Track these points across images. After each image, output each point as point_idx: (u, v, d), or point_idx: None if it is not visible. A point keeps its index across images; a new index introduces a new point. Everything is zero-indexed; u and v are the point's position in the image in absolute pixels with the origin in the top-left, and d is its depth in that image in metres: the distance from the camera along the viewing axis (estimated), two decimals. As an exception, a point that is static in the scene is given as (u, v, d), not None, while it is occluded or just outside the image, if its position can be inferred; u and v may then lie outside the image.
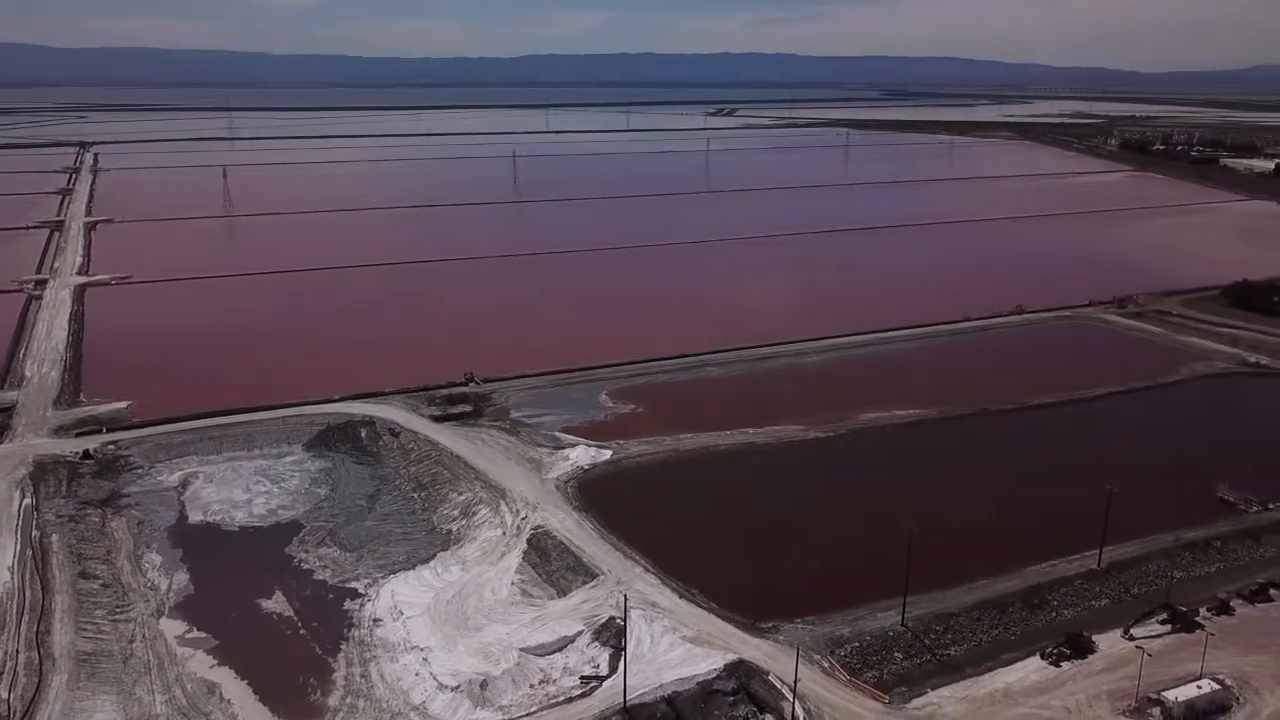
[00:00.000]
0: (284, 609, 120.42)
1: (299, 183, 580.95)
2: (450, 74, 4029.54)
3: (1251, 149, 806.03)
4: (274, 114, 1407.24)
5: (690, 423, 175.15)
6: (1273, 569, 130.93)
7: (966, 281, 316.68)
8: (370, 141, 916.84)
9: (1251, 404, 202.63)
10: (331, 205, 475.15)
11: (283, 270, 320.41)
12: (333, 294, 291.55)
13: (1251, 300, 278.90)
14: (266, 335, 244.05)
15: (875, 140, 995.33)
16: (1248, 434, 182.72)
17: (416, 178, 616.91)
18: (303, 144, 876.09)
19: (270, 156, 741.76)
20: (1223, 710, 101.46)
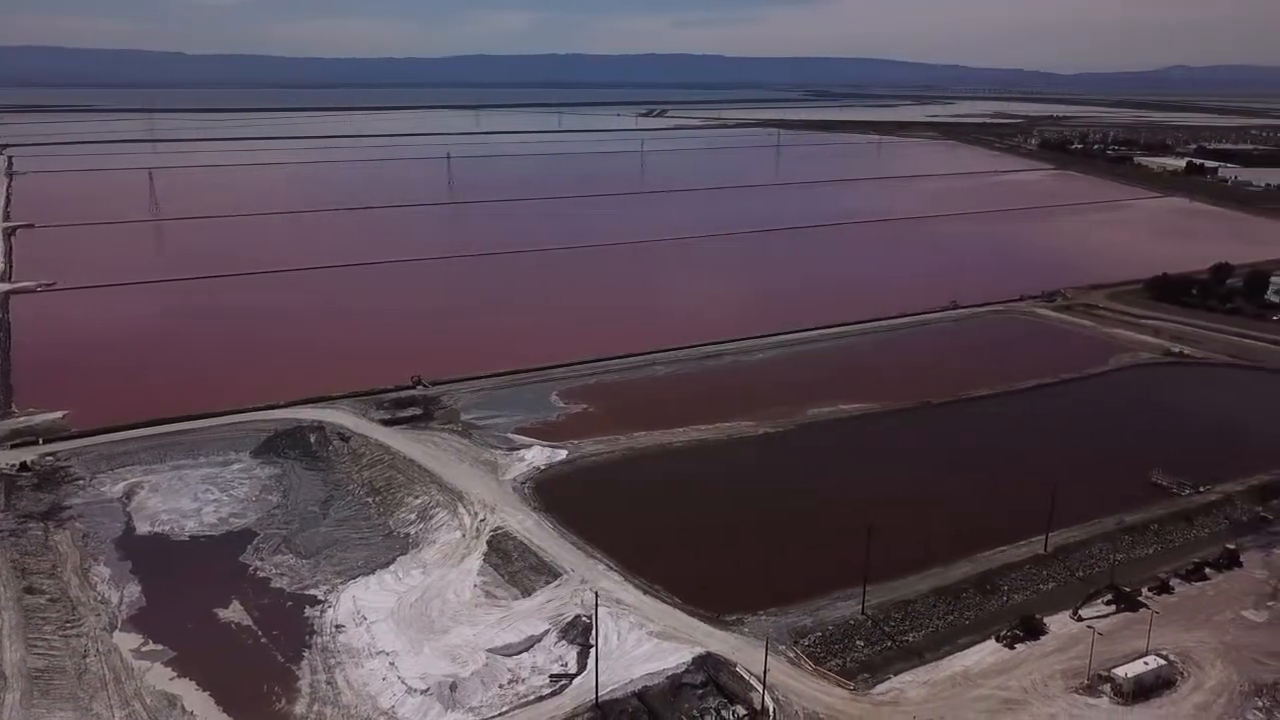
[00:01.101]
0: (242, 618, 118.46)
1: (227, 185, 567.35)
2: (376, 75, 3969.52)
3: (1163, 148, 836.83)
4: (195, 115, 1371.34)
5: (643, 421, 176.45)
6: (1206, 549, 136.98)
7: (902, 278, 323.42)
8: (298, 143, 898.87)
9: (1176, 393, 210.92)
10: (263, 208, 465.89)
11: (215, 275, 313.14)
12: (269, 298, 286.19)
13: (1172, 293, 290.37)
14: (204, 341, 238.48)
15: (805, 140, 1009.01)
16: (1174, 421, 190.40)
17: (348, 180, 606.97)
18: (228, 146, 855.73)
19: (195, 159, 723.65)
20: (1168, 684, 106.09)
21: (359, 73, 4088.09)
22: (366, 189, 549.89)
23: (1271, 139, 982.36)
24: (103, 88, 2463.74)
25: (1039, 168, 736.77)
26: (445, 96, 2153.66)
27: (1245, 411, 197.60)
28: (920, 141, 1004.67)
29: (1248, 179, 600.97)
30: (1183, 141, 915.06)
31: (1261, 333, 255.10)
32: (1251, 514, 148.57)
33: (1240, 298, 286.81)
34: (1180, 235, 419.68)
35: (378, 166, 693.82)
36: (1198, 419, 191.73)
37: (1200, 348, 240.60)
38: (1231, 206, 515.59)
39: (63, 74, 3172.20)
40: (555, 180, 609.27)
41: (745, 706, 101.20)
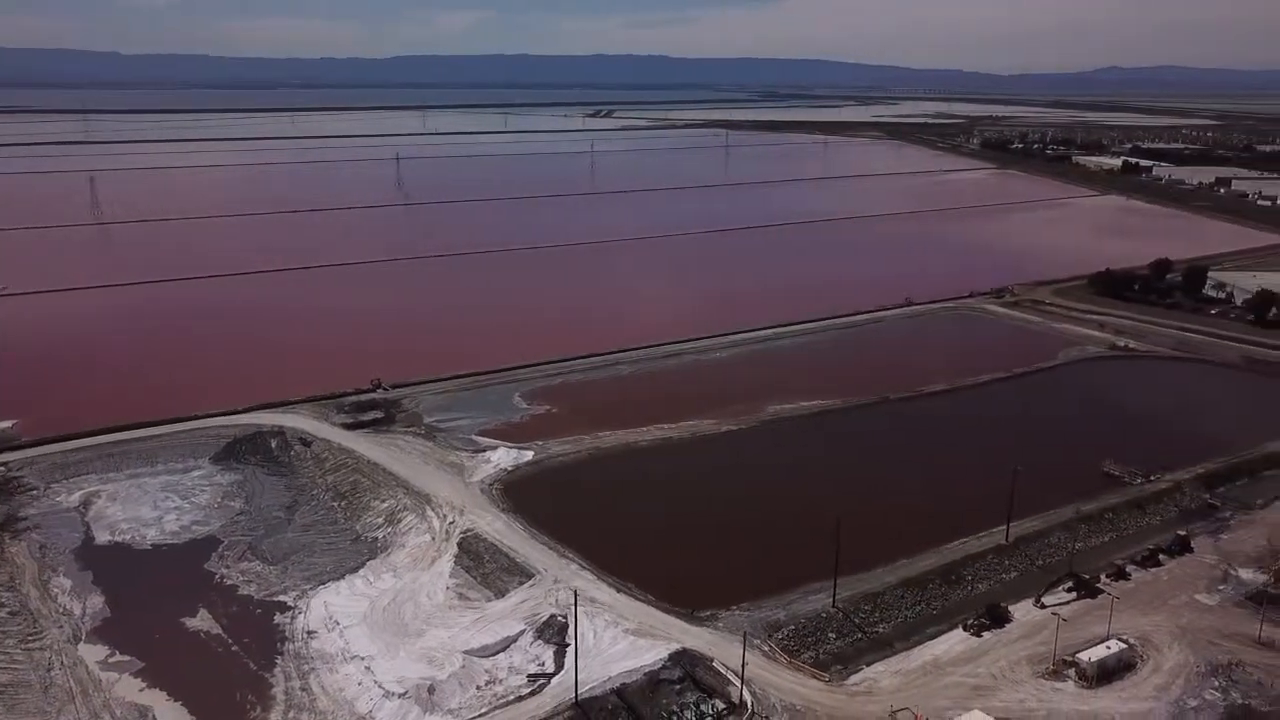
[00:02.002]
0: (211, 626, 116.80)
1: (171, 188, 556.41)
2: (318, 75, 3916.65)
3: (1100, 147, 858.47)
4: (133, 117, 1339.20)
5: (608, 421, 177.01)
6: (1159, 536, 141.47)
7: (855, 276, 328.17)
8: (241, 145, 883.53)
9: (1123, 385, 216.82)
10: (209, 211, 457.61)
11: (165, 279, 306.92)
12: (220, 302, 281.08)
13: (1115, 288, 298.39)
14: (156, 347, 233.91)
15: (754, 141, 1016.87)
16: (1123, 413, 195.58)
17: (295, 182, 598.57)
18: (169, 148, 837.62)
19: (136, 161, 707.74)
20: (1130, 667, 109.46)
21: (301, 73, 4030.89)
22: (314, 191, 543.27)
23: (1201, 139, 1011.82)
24: (34, 88, 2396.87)
25: (982, 167, 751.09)
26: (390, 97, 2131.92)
27: (1189, 402, 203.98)
28: (866, 141, 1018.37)
29: (1180, 178, 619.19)
30: (1118, 141, 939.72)
31: (1200, 326, 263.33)
32: (1200, 501, 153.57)
33: (1179, 292, 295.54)
34: (1120, 232, 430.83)
35: (325, 168, 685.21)
36: (1145, 410, 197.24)
37: (1144, 341, 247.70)
38: (1167, 204, 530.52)
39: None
40: (507, 181, 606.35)
41: (723, 700, 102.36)
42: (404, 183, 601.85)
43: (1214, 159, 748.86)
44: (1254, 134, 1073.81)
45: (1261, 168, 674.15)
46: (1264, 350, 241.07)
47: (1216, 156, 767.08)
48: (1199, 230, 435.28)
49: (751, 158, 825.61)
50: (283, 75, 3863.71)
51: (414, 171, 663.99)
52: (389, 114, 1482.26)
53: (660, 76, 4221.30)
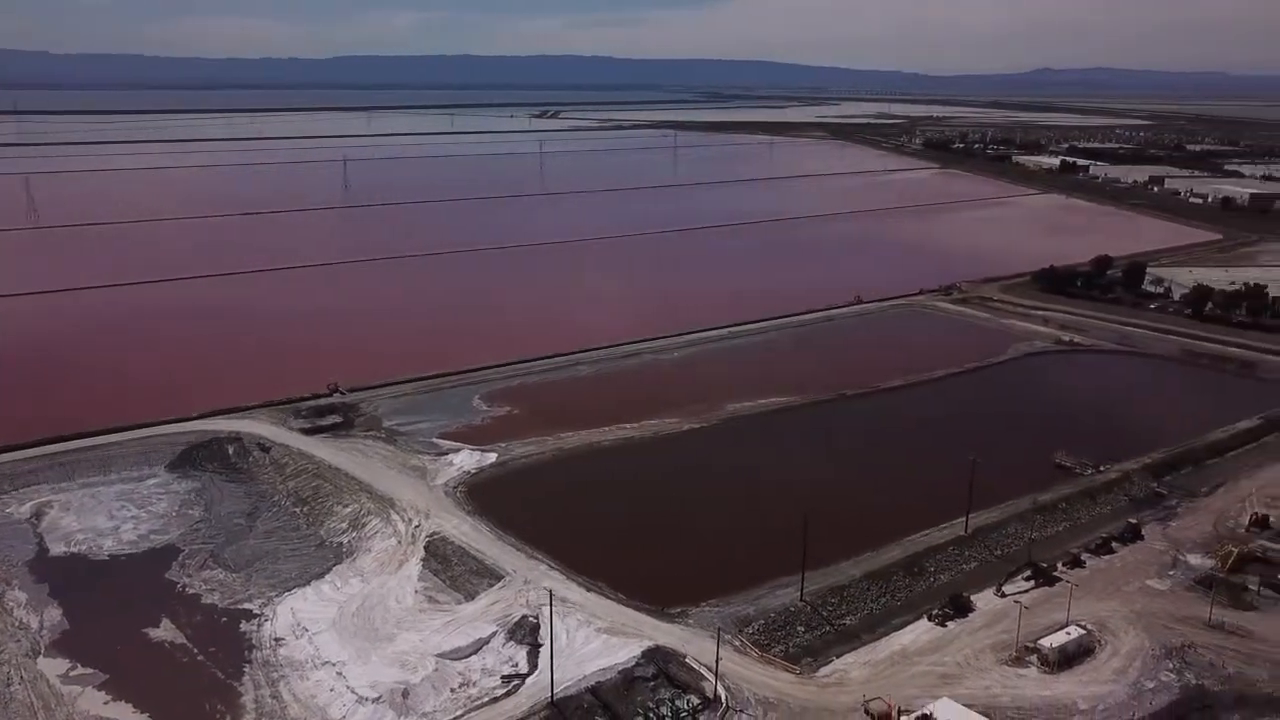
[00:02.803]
0: (174, 636, 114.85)
1: (110, 191, 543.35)
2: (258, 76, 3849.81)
3: (1038, 147, 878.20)
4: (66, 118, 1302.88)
5: (570, 421, 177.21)
6: (1111, 524, 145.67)
7: (807, 274, 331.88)
8: (182, 147, 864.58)
9: (1070, 378, 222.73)
10: (151, 214, 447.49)
11: (109, 284, 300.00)
12: (168, 307, 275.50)
13: (1058, 284, 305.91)
14: (103, 354, 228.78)
15: (701, 141, 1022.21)
16: (1072, 405, 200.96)
17: (237, 184, 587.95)
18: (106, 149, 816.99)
19: (73, 164, 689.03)
20: (1089, 652, 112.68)
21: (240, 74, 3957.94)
22: (258, 193, 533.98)
23: (1134, 138, 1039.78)
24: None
25: (925, 166, 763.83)
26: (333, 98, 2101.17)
27: (1133, 395, 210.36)
28: (811, 141, 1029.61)
29: (1116, 176, 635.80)
30: (1055, 141, 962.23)
31: (1141, 320, 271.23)
32: (1148, 490, 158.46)
33: (1120, 288, 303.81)
34: (1061, 230, 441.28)
35: (269, 170, 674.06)
36: (1093, 402, 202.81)
37: (1088, 335, 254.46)
38: (1104, 202, 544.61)
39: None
40: (457, 183, 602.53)
41: (698, 695, 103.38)
42: (351, 184, 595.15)
43: (1147, 158, 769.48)
44: (1183, 134, 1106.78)
45: (1192, 167, 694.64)
46: (1201, 343, 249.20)
47: (1149, 156, 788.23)
48: (1136, 227, 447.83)
49: (700, 158, 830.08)
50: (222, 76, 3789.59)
51: (362, 173, 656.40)
52: (332, 115, 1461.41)
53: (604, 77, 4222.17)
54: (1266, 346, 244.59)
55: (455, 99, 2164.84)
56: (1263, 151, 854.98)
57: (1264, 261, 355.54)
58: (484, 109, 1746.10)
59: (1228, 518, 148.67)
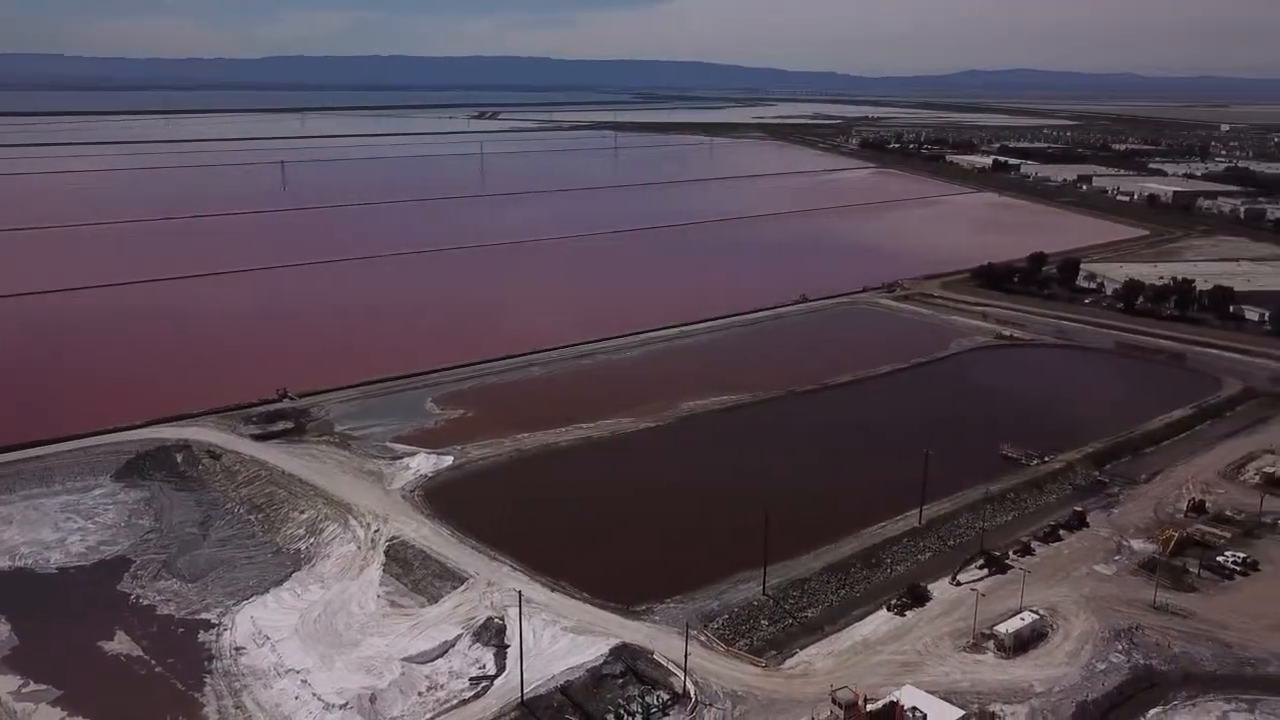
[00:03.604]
0: (130, 649, 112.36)
1: (29, 194, 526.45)
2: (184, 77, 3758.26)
3: (970, 146, 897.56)
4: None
5: (525, 423, 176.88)
6: (1057, 512, 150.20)
7: (753, 274, 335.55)
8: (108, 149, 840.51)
9: (1012, 371, 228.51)
10: (83, 218, 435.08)
11: (41, 290, 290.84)
12: (105, 313, 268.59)
13: (996, 281, 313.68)
14: (40, 362, 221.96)
15: (642, 142, 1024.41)
16: (1015, 398, 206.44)
17: (168, 187, 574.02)
18: (23, 152, 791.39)
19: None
20: (1042, 637, 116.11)
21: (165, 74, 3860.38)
22: (190, 197, 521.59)
23: (1061, 138, 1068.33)
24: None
25: (863, 166, 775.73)
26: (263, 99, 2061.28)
27: (1072, 386, 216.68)
28: (750, 142, 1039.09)
29: (1046, 175, 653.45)
30: (986, 140, 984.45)
31: (1076, 314, 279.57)
32: (1090, 479, 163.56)
33: (1055, 284, 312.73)
34: (996, 227, 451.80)
35: (201, 173, 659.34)
36: (1035, 395, 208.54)
37: (1026, 330, 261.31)
38: (1036, 200, 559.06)
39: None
40: (397, 185, 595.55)
41: (667, 691, 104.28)
42: (289, 187, 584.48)
43: (1074, 157, 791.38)
44: (1108, 133, 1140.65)
45: (1117, 165, 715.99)
46: (1134, 336, 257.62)
47: (1077, 155, 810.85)
48: (1067, 224, 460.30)
49: (641, 159, 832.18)
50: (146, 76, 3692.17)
51: (299, 175, 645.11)
52: (264, 116, 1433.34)
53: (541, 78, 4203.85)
54: (1194, 338, 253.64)
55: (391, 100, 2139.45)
56: (1183, 150, 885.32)
57: (1189, 256, 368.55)
58: (421, 110, 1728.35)
59: (1167, 503, 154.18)
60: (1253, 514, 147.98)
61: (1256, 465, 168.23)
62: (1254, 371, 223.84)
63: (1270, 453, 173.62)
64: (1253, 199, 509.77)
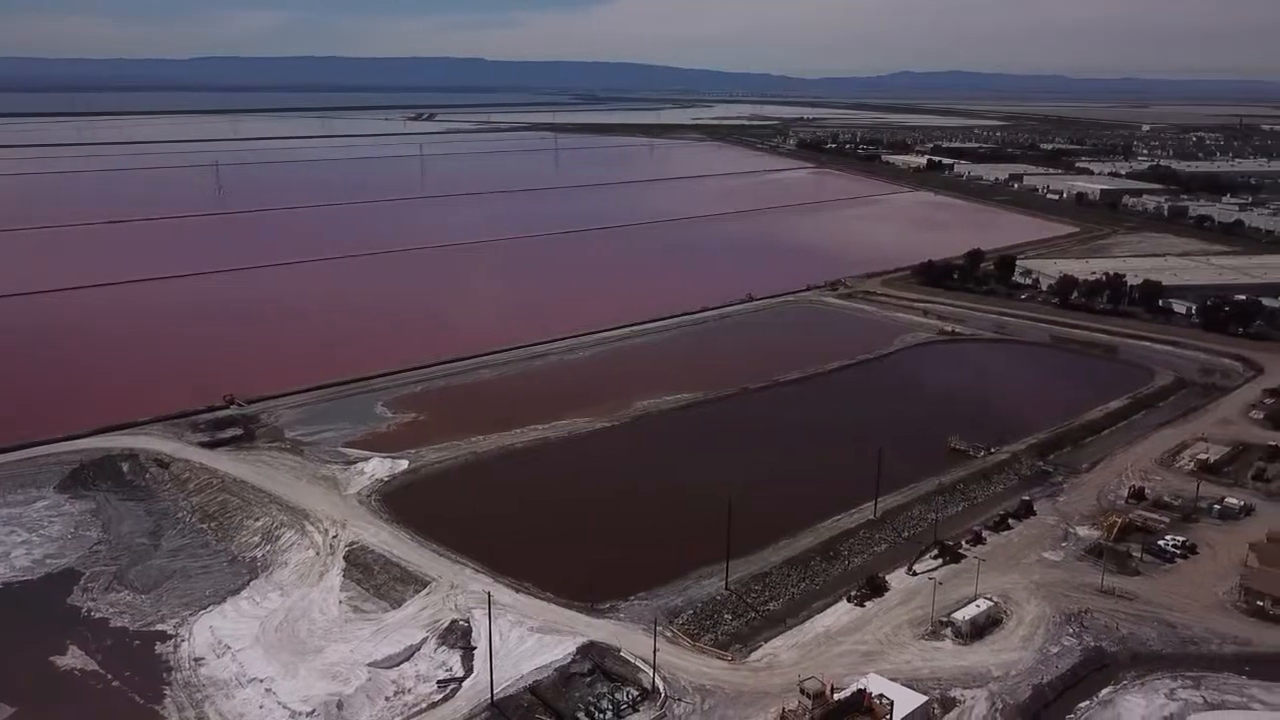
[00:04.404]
0: (85, 663, 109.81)
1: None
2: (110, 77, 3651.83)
3: (905, 146, 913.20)
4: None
5: (480, 425, 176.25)
6: (1005, 502, 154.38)
7: (699, 273, 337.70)
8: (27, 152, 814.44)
9: (956, 366, 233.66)
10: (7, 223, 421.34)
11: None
12: (39, 321, 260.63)
13: (936, 278, 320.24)
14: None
15: (582, 143, 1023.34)
16: (959, 391, 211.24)
17: (98, 191, 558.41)
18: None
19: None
20: (997, 623, 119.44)
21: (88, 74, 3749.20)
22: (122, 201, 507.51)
23: (992, 138, 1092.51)
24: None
25: (801, 166, 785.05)
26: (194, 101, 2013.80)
27: (1013, 379, 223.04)
28: (689, 143, 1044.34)
29: (979, 174, 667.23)
30: (920, 140, 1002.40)
31: (1013, 310, 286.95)
32: (1035, 469, 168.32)
33: (993, 280, 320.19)
34: (933, 225, 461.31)
35: (132, 176, 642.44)
36: (978, 388, 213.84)
37: (967, 325, 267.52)
38: (971, 199, 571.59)
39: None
40: (336, 187, 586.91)
41: (636, 688, 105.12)
42: (225, 189, 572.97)
43: (1005, 157, 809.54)
44: (1036, 133, 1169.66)
45: (1046, 164, 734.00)
46: (1069, 330, 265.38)
47: (1008, 155, 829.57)
48: (1002, 222, 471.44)
49: (583, 160, 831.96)
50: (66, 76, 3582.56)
51: (235, 178, 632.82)
52: (196, 118, 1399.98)
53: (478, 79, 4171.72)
54: (1126, 331, 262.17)
55: (326, 101, 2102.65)
56: (1108, 150, 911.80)
57: (1118, 252, 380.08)
58: (357, 111, 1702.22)
59: (1108, 491, 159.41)
60: (1189, 499, 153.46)
61: (1190, 452, 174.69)
62: (1183, 363, 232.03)
63: (1202, 440, 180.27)
64: (1175, 196, 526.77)
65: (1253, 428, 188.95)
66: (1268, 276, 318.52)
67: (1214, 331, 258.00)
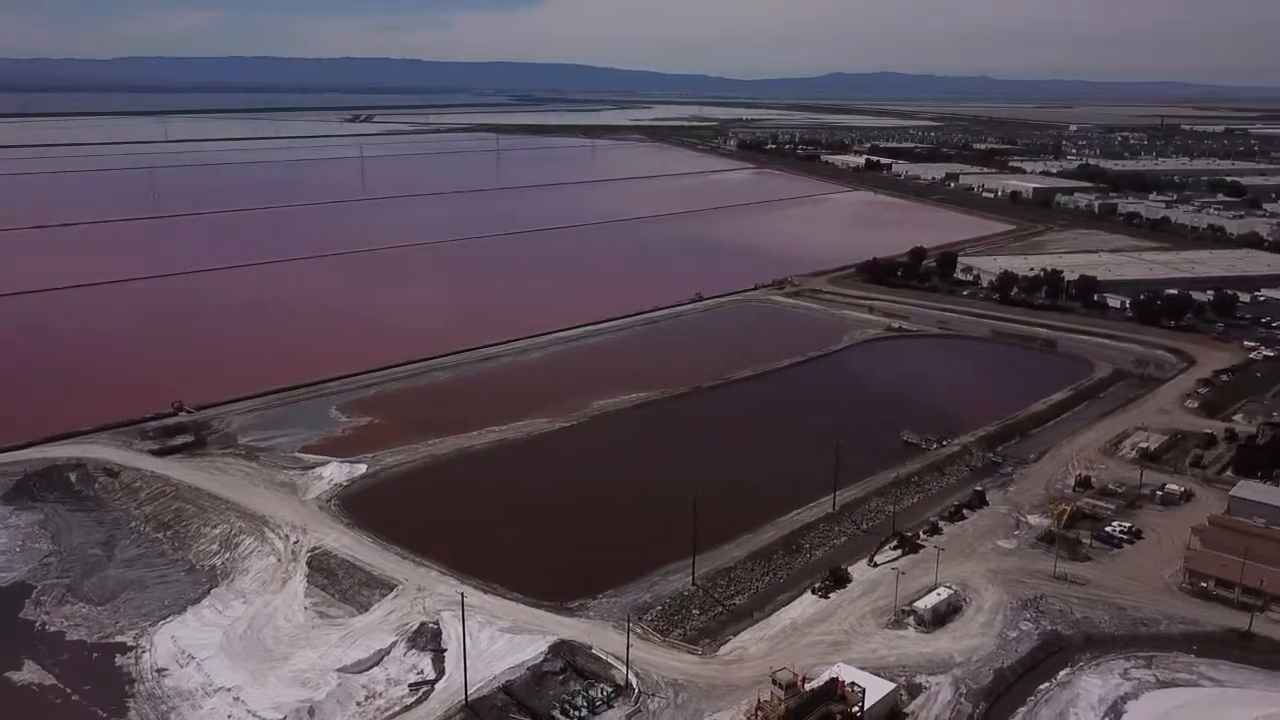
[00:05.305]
0: (42, 678, 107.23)
1: None
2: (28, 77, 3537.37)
3: (843, 147, 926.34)
4: None
5: (437, 427, 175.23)
6: (958, 493, 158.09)
7: (649, 273, 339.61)
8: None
9: (904, 361, 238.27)
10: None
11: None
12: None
13: (881, 275, 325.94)
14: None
15: (523, 144, 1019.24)
16: (909, 386, 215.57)
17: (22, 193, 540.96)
18: None
19: None
20: (957, 610, 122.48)
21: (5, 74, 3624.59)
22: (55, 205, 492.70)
23: (926, 138, 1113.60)
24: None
25: (742, 166, 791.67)
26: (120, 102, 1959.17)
27: (960, 373, 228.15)
28: (631, 144, 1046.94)
29: (917, 174, 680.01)
30: (858, 141, 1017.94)
31: (956, 306, 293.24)
32: (985, 460, 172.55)
33: (936, 277, 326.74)
34: (876, 224, 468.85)
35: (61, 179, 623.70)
36: (927, 383, 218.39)
37: (912, 322, 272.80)
38: (909, 198, 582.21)
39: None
40: (274, 190, 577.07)
41: (609, 683, 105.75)
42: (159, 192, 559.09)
43: (941, 156, 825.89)
44: (968, 133, 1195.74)
45: (980, 164, 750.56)
46: (1010, 325, 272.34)
47: (943, 154, 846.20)
48: (941, 220, 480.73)
49: (525, 162, 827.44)
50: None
51: (168, 181, 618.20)
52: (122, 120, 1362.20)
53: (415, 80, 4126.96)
54: (1065, 325, 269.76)
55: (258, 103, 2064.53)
56: (1038, 149, 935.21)
57: (1053, 249, 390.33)
58: (291, 113, 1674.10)
59: (1056, 480, 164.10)
60: (1132, 487, 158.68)
61: (1131, 441, 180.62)
62: (1120, 355, 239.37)
63: (1142, 429, 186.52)
64: (1104, 195, 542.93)
65: (1188, 416, 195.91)
66: (1196, 271, 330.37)
67: (1147, 324, 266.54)
